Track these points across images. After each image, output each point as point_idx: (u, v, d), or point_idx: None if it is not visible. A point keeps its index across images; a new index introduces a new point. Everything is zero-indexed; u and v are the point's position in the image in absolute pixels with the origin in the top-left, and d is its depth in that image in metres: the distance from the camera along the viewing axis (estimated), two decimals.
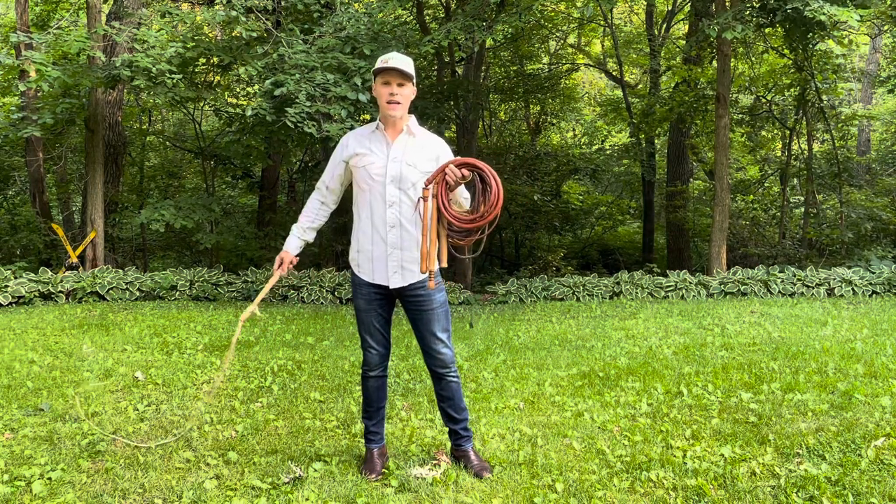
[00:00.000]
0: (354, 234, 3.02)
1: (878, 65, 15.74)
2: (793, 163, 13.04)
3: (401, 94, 2.86)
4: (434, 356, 3.00)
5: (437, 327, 2.97)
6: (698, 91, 12.72)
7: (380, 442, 3.16)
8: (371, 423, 3.14)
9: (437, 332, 2.97)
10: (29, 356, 5.36)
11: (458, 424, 3.11)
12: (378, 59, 2.94)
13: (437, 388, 3.09)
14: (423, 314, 2.97)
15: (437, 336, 2.97)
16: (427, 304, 2.95)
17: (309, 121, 8.32)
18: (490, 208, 2.70)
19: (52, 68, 8.79)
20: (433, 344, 2.98)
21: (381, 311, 3.02)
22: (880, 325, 6.39)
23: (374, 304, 2.99)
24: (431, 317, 2.96)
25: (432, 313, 2.96)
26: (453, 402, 3.08)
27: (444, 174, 2.75)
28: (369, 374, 3.08)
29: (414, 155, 2.91)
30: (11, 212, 13.00)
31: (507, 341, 6.26)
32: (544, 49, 16.49)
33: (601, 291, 9.43)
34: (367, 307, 2.99)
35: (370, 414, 3.14)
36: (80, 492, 2.91)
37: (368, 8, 10.31)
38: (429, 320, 2.96)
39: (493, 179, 2.72)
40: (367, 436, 3.15)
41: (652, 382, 4.46)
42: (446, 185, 2.76)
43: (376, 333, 3.02)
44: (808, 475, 2.91)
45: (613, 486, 2.90)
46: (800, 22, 8.75)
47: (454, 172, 2.74)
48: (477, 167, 2.75)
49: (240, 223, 13.69)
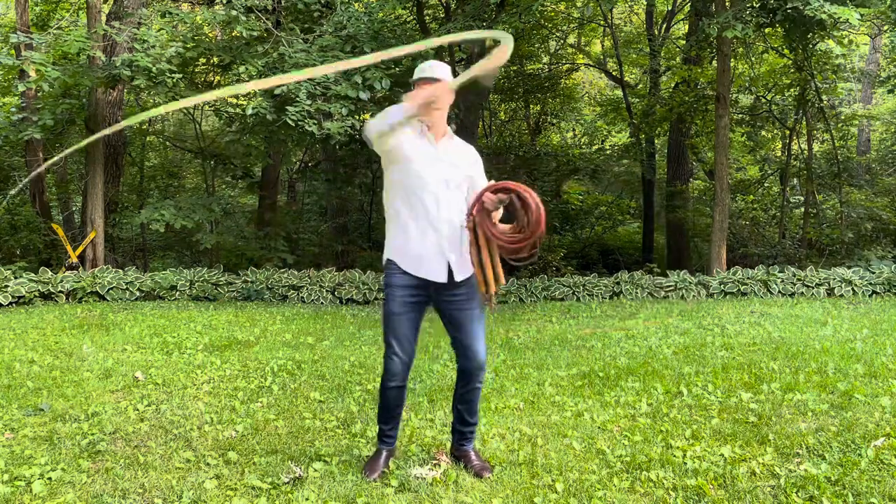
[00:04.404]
0: (400, 233, 2.96)
1: (878, 65, 15.73)
2: (793, 163, 13.04)
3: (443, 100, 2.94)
4: (472, 357, 2.98)
5: (480, 325, 3.00)
6: (698, 91, 12.72)
7: (392, 444, 3.13)
8: (387, 427, 3.10)
9: (478, 331, 2.99)
10: (29, 356, 5.36)
11: (467, 427, 3.11)
12: (419, 67, 3.04)
13: (462, 391, 3.06)
14: (465, 312, 2.97)
15: (478, 335, 2.98)
16: (473, 301, 2.98)
17: (309, 119, 8.33)
18: (535, 226, 2.78)
19: (52, 68, 8.79)
20: (475, 342, 2.97)
21: (416, 315, 2.98)
22: (880, 325, 6.39)
23: (410, 306, 2.94)
24: (474, 316, 2.98)
25: (476, 311, 2.99)
26: (471, 406, 3.07)
27: (482, 202, 2.83)
28: (390, 385, 2.99)
29: (457, 157, 3.03)
30: (11, 212, 12.98)
31: (507, 341, 6.26)
32: (544, 49, 16.47)
33: (601, 291, 9.43)
34: (400, 311, 2.92)
35: (386, 419, 3.09)
36: (80, 492, 2.91)
37: (368, 7, 10.31)
38: (471, 318, 2.98)
39: (531, 198, 2.79)
40: (382, 437, 3.12)
41: (652, 382, 4.46)
42: (487, 212, 2.85)
43: (405, 340, 2.94)
44: (808, 475, 2.91)
45: (613, 486, 2.90)
46: (800, 21, 8.75)
47: (491, 199, 2.82)
48: (513, 189, 2.81)
49: (240, 223, 13.68)
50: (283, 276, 9.70)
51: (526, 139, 17.38)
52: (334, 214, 14.54)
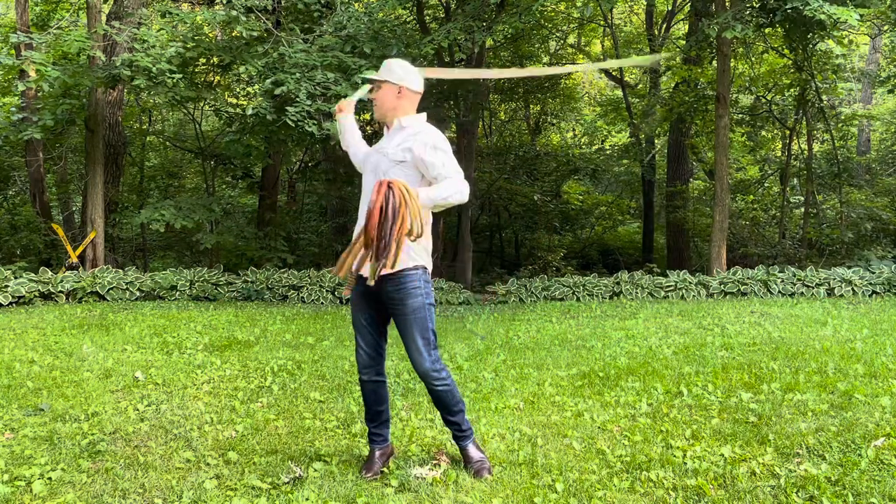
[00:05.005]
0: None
1: (878, 65, 15.73)
2: (793, 163, 13.03)
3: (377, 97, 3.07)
4: (413, 364, 3.01)
5: (411, 333, 2.94)
6: (698, 91, 12.72)
7: (382, 443, 3.14)
8: (372, 426, 3.13)
9: (409, 339, 2.96)
10: (29, 356, 5.36)
11: (452, 425, 3.09)
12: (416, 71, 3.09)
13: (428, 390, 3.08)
14: (398, 318, 2.98)
15: (409, 344, 2.97)
16: (400, 306, 2.93)
17: (309, 120, 8.33)
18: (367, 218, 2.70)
19: (52, 68, 8.79)
20: (409, 352, 2.99)
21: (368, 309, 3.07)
22: (880, 325, 6.39)
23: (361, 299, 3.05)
24: (406, 322, 2.95)
25: (407, 318, 2.94)
26: (442, 405, 3.04)
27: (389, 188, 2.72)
28: (361, 377, 3.14)
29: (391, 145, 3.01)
30: (11, 212, 12.99)
31: (507, 341, 6.26)
32: (544, 49, 16.48)
33: (601, 291, 9.43)
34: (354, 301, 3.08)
35: (371, 416, 3.14)
36: (80, 492, 2.91)
37: (368, 7, 10.31)
38: (403, 325, 2.96)
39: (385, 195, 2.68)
40: (369, 435, 3.16)
41: (652, 382, 4.46)
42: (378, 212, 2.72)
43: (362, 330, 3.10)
44: (808, 475, 2.91)
45: (613, 486, 2.90)
46: (800, 22, 8.75)
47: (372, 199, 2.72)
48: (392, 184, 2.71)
49: (240, 223, 13.69)
50: (283, 276, 9.70)
51: (526, 139, 17.39)
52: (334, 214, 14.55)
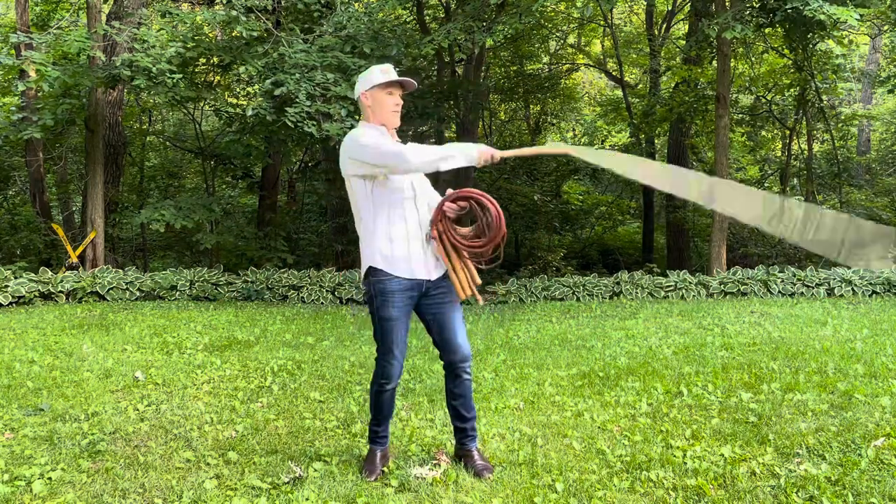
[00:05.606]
0: (383, 238, 2.92)
1: (878, 65, 15.73)
2: (793, 163, 13.04)
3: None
4: (455, 350, 3.02)
5: (460, 319, 3.05)
6: (698, 91, 12.72)
7: (385, 444, 3.15)
8: (380, 429, 3.12)
9: (459, 325, 3.04)
10: (29, 356, 5.37)
11: (467, 423, 3.11)
12: (374, 68, 3.03)
13: (451, 386, 3.08)
14: (446, 306, 3.02)
15: (459, 329, 3.03)
16: (451, 295, 3.03)
17: (309, 120, 8.33)
18: (496, 231, 2.91)
19: (52, 68, 8.79)
20: (456, 337, 3.02)
21: (409, 317, 3.03)
22: (880, 325, 6.39)
23: (407, 310, 2.98)
24: (455, 309, 3.04)
25: (455, 305, 3.04)
26: (465, 400, 3.08)
27: (444, 212, 2.96)
28: (386, 388, 3.03)
29: None
30: (11, 212, 12.99)
31: (507, 341, 6.26)
32: (544, 49, 16.48)
33: (601, 291, 9.42)
34: (399, 315, 2.94)
35: (380, 421, 3.12)
36: (80, 492, 2.91)
37: (368, 7, 10.31)
38: (452, 312, 3.03)
39: (490, 203, 2.92)
40: (375, 438, 3.13)
41: (652, 382, 4.46)
42: (449, 220, 2.97)
43: (402, 344, 2.99)
44: (808, 475, 2.92)
45: (613, 486, 2.90)
46: (800, 22, 8.75)
47: (452, 208, 2.96)
48: (472, 196, 2.96)
49: (240, 223, 13.69)
50: (283, 276, 9.70)
51: (526, 139, 17.38)
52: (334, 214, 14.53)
